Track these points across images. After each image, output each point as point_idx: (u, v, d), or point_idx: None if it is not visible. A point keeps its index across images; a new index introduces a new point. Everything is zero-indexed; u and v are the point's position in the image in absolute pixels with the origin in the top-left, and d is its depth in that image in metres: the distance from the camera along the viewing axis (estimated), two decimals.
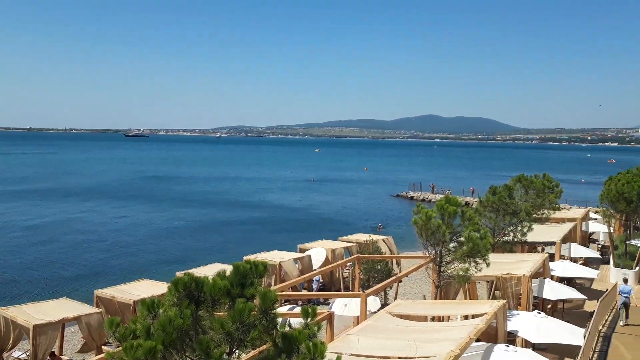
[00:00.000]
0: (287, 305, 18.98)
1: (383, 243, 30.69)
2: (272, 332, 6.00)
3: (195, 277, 5.94)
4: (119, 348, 5.53)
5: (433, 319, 15.88)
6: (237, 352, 5.95)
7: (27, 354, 17.10)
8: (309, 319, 6.32)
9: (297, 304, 20.28)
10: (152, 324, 5.61)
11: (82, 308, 17.91)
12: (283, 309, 16.50)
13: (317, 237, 34.55)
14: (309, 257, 27.25)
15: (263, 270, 6.37)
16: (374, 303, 20.14)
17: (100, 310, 18.06)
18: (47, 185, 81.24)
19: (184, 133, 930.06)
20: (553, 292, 18.73)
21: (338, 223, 52.87)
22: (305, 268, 26.25)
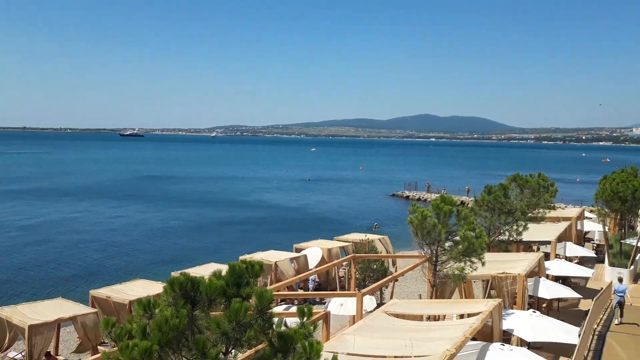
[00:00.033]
0: (283, 305, 18.97)
1: (379, 242, 30.74)
2: (268, 331, 6.00)
3: (191, 276, 5.93)
4: (115, 348, 5.52)
5: (429, 318, 15.90)
6: (233, 351, 5.94)
7: (22, 354, 17.05)
8: (305, 319, 6.32)
9: (293, 304, 20.27)
10: (148, 324, 5.60)
11: (77, 308, 17.88)
12: (279, 309, 16.49)
13: (313, 236, 34.55)
14: (305, 256, 27.27)
15: (259, 270, 6.37)
16: (370, 302, 20.15)
17: (96, 310, 18.04)
18: (42, 185, 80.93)
19: (180, 132, 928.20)
20: (548, 291, 18.78)
21: (334, 222, 52.90)
22: (301, 268, 26.25)
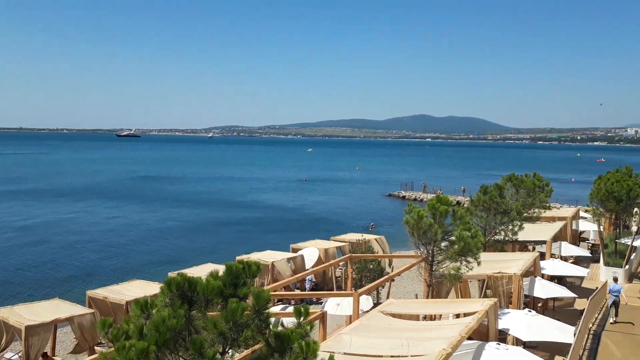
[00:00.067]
0: (280, 305, 19.00)
1: (375, 242, 30.80)
2: (265, 331, 6.02)
3: (188, 277, 5.93)
4: (112, 349, 5.54)
5: (425, 318, 15.97)
6: (230, 351, 5.97)
7: (19, 355, 17.04)
8: (302, 319, 6.34)
9: (289, 304, 20.31)
10: (145, 324, 5.62)
11: (74, 309, 17.87)
12: (276, 309, 16.53)
13: (309, 236, 34.56)
14: (302, 256, 27.29)
15: (256, 270, 6.40)
16: (367, 302, 20.21)
17: (93, 311, 18.02)
18: (38, 186, 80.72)
19: (176, 133, 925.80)
20: (544, 290, 18.87)
21: (330, 223, 52.93)
22: (298, 268, 26.29)
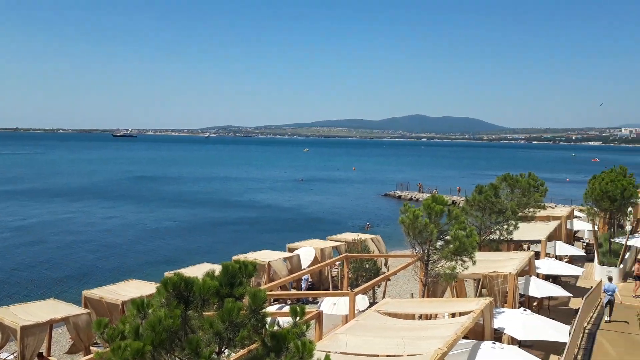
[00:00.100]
0: (276, 305, 19.02)
1: (371, 242, 30.87)
2: (261, 331, 6.03)
3: (185, 277, 5.93)
4: (108, 349, 5.54)
5: (421, 317, 16.00)
6: (226, 351, 5.98)
7: (14, 356, 17.01)
8: (298, 318, 6.35)
9: (286, 303, 20.33)
10: (141, 324, 5.63)
11: (70, 309, 17.84)
12: (272, 308, 16.56)
13: (305, 236, 34.56)
14: (298, 256, 27.32)
15: (252, 270, 6.41)
16: (363, 302, 20.24)
17: (89, 311, 18.00)
18: (35, 186, 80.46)
19: (173, 133, 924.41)
20: (539, 289, 18.94)
21: (327, 222, 52.95)
22: (294, 267, 26.32)
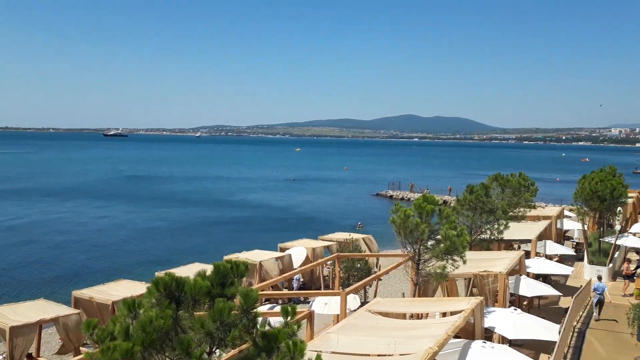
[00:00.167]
0: (267, 304, 19.01)
1: (363, 241, 30.91)
2: (252, 331, 6.03)
3: (176, 277, 5.91)
4: (97, 349, 5.50)
5: (412, 317, 16.04)
6: (217, 351, 5.96)
7: (3, 356, 16.88)
8: (289, 318, 6.35)
9: (277, 303, 20.31)
10: (131, 324, 5.60)
11: (59, 309, 17.72)
12: (263, 308, 16.53)
13: (297, 236, 34.53)
14: (290, 256, 27.31)
15: (244, 270, 6.40)
16: (354, 301, 20.26)
17: (79, 311, 17.88)
18: (25, 185, 79.89)
19: (164, 132, 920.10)
20: (529, 288, 19.04)
21: (318, 222, 52.97)
22: (286, 267, 26.29)
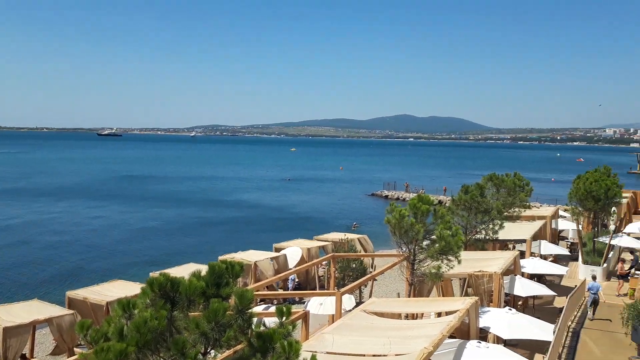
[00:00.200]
0: (262, 305, 18.98)
1: (358, 242, 30.90)
2: (247, 331, 6.01)
3: (171, 277, 5.87)
4: (91, 350, 5.46)
5: (407, 317, 16.06)
6: (212, 352, 5.94)
7: None
8: (284, 318, 6.33)
9: (272, 303, 20.29)
10: (126, 325, 5.57)
11: (53, 310, 17.63)
12: (258, 309, 16.51)
13: (292, 236, 34.52)
14: (285, 256, 27.28)
15: (239, 270, 6.37)
16: (349, 301, 20.26)
17: (72, 312, 17.80)
18: (18, 185, 79.54)
19: (158, 132, 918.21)
20: (524, 288, 19.09)
21: (314, 222, 52.96)
22: (281, 267, 26.27)
